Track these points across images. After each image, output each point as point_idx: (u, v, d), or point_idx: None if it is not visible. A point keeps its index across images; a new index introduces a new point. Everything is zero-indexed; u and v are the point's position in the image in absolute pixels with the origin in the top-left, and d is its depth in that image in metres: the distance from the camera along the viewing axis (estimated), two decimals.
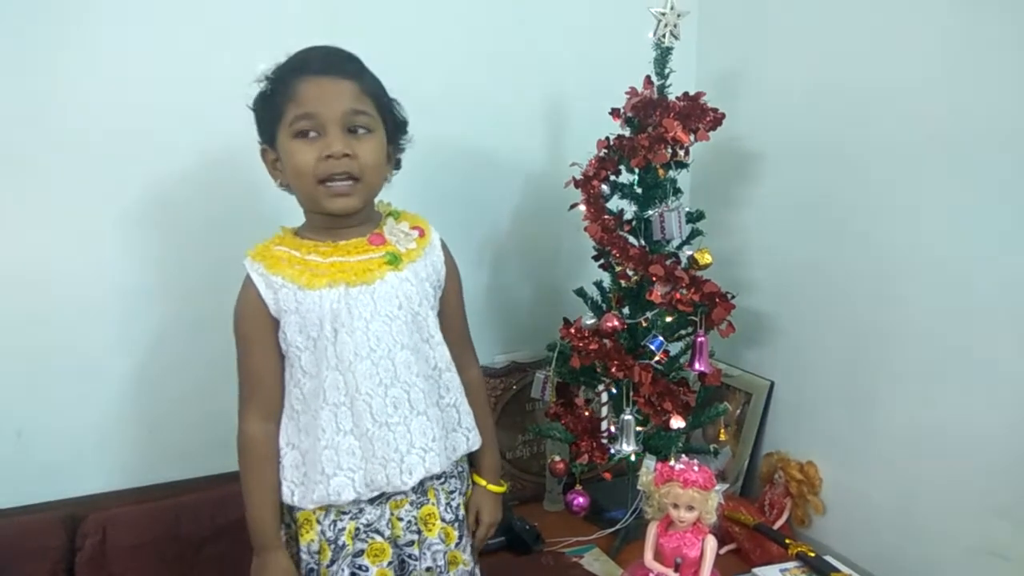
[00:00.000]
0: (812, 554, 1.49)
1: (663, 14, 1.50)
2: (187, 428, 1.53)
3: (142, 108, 1.42)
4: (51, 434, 1.44)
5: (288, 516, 1.15)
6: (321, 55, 1.09)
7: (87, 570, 1.34)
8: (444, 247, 1.21)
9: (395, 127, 1.16)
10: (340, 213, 1.09)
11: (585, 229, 1.55)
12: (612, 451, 1.54)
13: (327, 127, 1.05)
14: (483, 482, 1.25)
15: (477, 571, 1.24)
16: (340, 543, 1.11)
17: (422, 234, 1.18)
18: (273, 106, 1.08)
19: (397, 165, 1.20)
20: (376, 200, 1.18)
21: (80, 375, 1.45)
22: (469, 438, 1.20)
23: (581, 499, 1.58)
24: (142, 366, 1.50)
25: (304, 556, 1.12)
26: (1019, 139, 1.26)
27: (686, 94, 1.51)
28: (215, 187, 1.49)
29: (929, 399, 1.42)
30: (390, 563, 1.12)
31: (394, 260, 1.12)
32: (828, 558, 1.50)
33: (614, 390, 1.55)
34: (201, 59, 1.45)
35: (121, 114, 1.41)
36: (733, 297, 1.52)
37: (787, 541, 1.54)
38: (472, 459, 1.27)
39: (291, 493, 1.11)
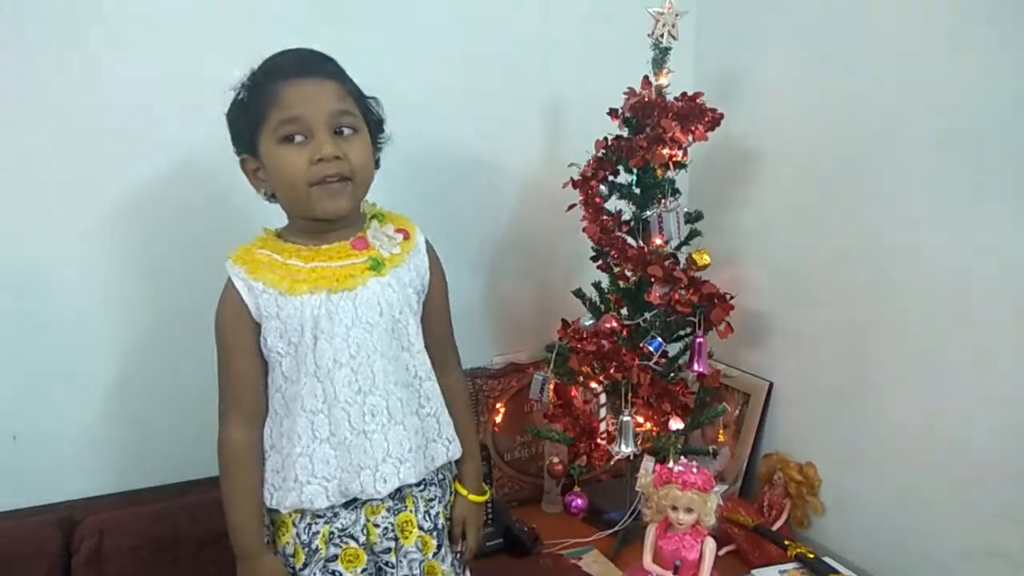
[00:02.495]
0: (811, 555, 1.49)
1: (661, 14, 1.49)
2: (184, 431, 1.52)
3: (130, 110, 1.42)
4: (47, 437, 1.44)
5: (267, 518, 1.14)
6: (299, 57, 1.06)
7: (83, 573, 1.33)
8: (430, 249, 1.18)
9: (375, 127, 1.13)
10: (333, 216, 1.07)
11: (583, 230, 1.55)
12: (611, 452, 1.54)
13: (314, 130, 1.03)
14: (464, 491, 1.22)
15: None
16: (313, 547, 1.09)
17: (407, 236, 1.15)
18: (253, 113, 1.04)
19: (376, 164, 1.16)
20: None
21: (76, 379, 1.44)
22: (449, 448, 1.17)
23: (579, 501, 1.58)
24: (138, 369, 1.49)
25: (281, 559, 1.12)
26: (1020, 138, 1.25)
27: (684, 94, 1.51)
28: (209, 192, 1.48)
29: (929, 399, 1.42)
30: (365, 570, 1.10)
31: (377, 265, 1.09)
32: (827, 559, 1.50)
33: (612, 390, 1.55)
34: (192, 59, 1.44)
35: (111, 115, 1.40)
36: (732, 298, 1.52)
37: (786, 542, 1.54)
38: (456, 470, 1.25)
39: (270, 496, 1.10)
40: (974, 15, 1.30)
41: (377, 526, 1.11)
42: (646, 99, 1.51)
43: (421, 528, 1.13)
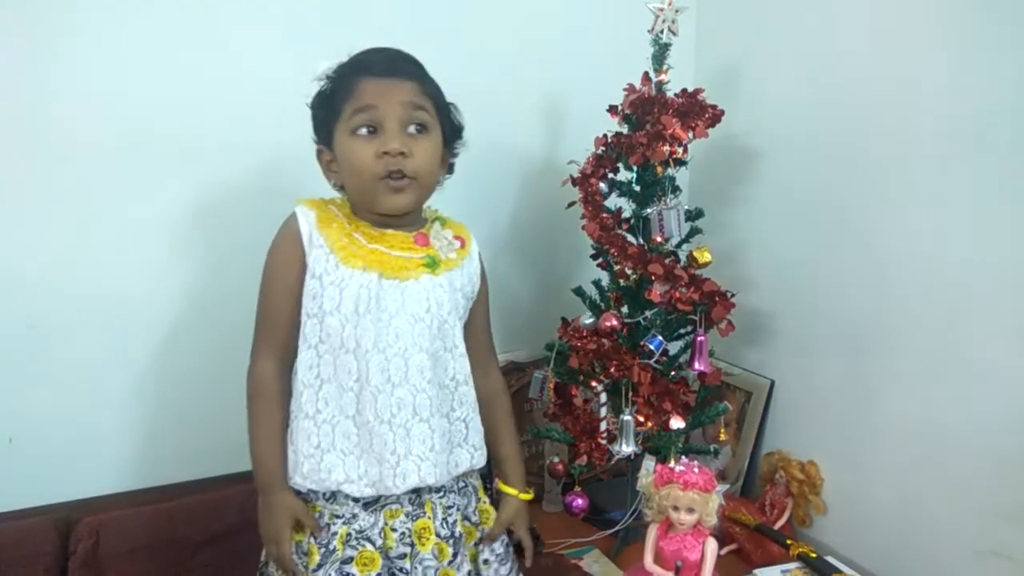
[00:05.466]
0: (813, 555, 1.48)
1: (661, 9, 1.48)
2: (182, 431, 1.52)
3: (148, 108, 1.41)
4: (44, 438, 1.43)
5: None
6: (383, 56, 1.10)
7: (80, 575, 1.33)
8: (480, 259, 1.22)
9: (451, 131, 1.17)
10: (393, 212, 1.09)
11: (583, 228, 1.54)
12: (612, 452, 1.53)
13: (385, 124, 1.06)
14: (513, 491, 1.22)
15: None
16: (331, 547, 1.08)
17: (463, 245, 1.18)
18: (332, 105, 1.08)
19: (450, 170, 1.21)
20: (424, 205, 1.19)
21: (73, 379, 1.43)
22: (474, 456, 1.17)
23: (580, 500, 1.57)
24: (136, 370, 1.48)
25: (294, 556, 1.11)
26: (1020, 138, 1.24)
27: (685, 91, 1.50)
28: (218, 192, 1.48)
29: (931, 397, 1.41)
30: (379, 574, 1.09)
31: (432, 264, 1.11)
32: (829, 558, 1.49)
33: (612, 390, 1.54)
34: (207, 57, 1.44)
35: (125, 116, 1.40)
36: (733, 295, 1.51)
37: (788, 541, 1.53)
38: (498, 471, 1.26)
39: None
40: (978, 14, 1.29)
41: (395, 530, 1.10)
42: (646, 95, 1.50)
43: (438, 535, 1.13)
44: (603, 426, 1.56)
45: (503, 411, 1.25)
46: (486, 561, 1.19)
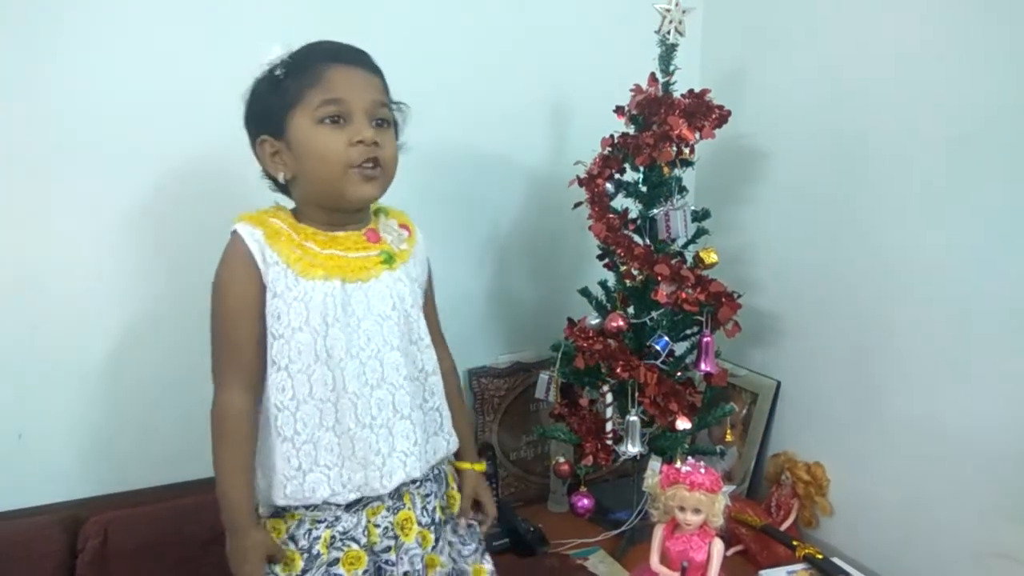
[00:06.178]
0: (819, 556, 1.48)
1: (668, 10, 1.48)
2: (189, 430, 1.51)
3: (138, 109, 1.41)
4: (52, 436, 1.43)
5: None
6: (346, 47, 1.08)
7: (88, 573, 1.33)
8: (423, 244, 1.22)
9: (396, 131, 1.15)
10: (361, 202, 1.08)
11: (589, 228, 1.54)
12: (617, 452, 1.53)
13: (354, 115, 1.04)
14: (468, 465, 1.26)
15: (487, 562, 1.24)
16: (314, 552, 1.07)
17: (410, 233, 1.18)
18: (289, 91, 1.04)
19: None
20: None
21: (81, 377, 1.44)
22: (449, 441, 1.18)
23: (586, 501, 1.57)
24: (143, 368, 1.49)
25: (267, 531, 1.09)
26: (1021, 139, 1.24)
27: (691, 91, 1.50)
28: (213, 190, 1.48)
29: (937, 399, 1.41)
30: (366, 571, 1.09)
31: (389, 259, 1.10)
32: (835, 560, 1.49)
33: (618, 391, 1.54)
34: (196, 59, 1.44)
35: (116, 116, 1.40)
36: (739, 296, 1.51)
37: (794, 543, 1.53)
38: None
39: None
40: (981, 15, 1.29)
41: (377, 526, 1.10)
42: (653, 96, 1.50)
43: (420, 524, 1.13)
44: (609, 426, 1.56)
45: (454, 391, 1.25)
46: (450, 543, 1.20)
